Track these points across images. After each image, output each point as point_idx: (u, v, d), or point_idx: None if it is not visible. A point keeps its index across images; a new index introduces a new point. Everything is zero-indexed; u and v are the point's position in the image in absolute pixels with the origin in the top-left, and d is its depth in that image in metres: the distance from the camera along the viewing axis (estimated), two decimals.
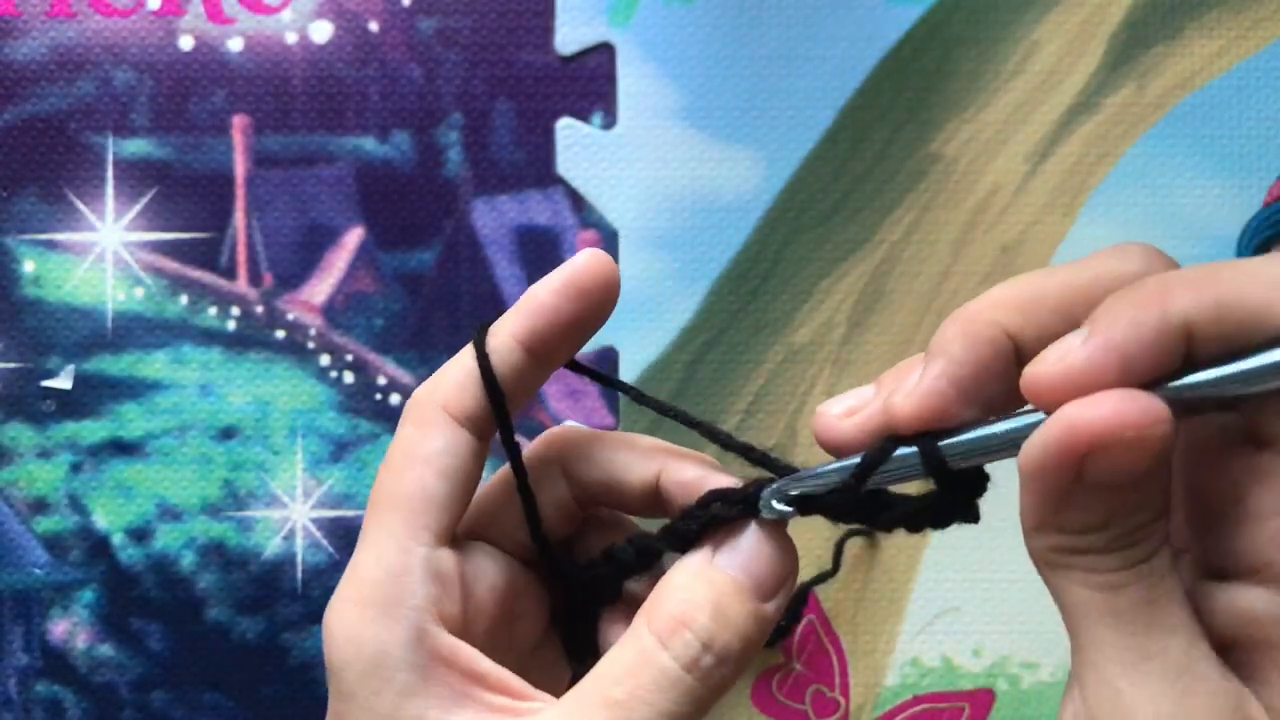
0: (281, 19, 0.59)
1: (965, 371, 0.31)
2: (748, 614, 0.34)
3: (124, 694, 0.57)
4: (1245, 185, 0.58)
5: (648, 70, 0.59)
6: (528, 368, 0.36)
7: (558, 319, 0.36)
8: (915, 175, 0.59)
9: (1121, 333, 0.28)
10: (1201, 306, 0.28)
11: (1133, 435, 0.28)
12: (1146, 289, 0.29)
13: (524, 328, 0.36)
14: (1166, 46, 0.59)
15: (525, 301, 0.36)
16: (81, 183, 0.58)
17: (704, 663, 0.33)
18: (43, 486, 0.58)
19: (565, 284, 0.36)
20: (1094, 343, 0.28)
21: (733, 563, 0.34)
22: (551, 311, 0.36)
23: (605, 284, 0.36)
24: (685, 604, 0.33)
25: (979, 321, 0.31)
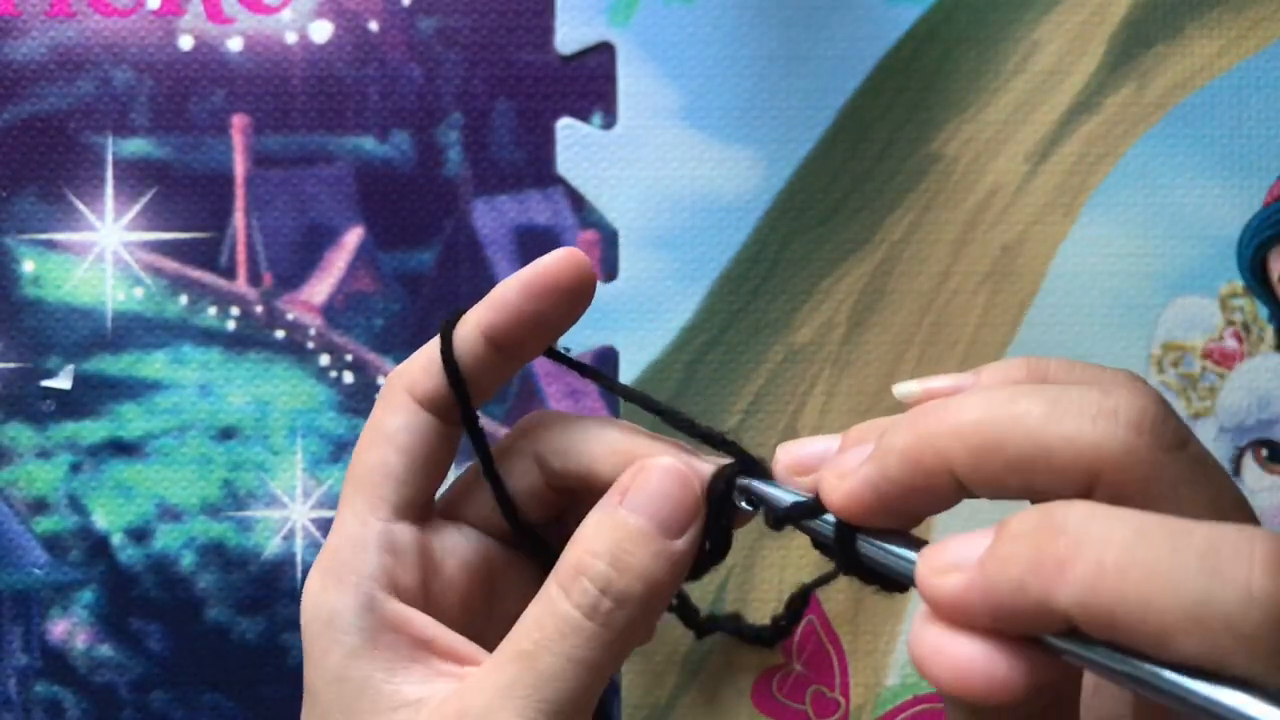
0: (281, 19, 0.59)
1: (894, 491, 0.30)
2: (652, 555, 0.35)
3: (124, 694, 0.57)
4: (1245, 185, 0.58)
5: (648, 70, 0.59)
6: (491, 358, 0.37)
7: (520, 315, 0.37)
8: (915, 175, 0.59)
9: (1001, 594, 0.26)
10: (1091, 606, 0.25)
11: (979, 695, 0.26)
12: (1047, 550, 0.26)
13: (487, 321, 0.37)
14: (1167, 46, 0.59)
15: (492, 295, 0.38)
16: (81, 183, 0.58)
17: (603, 607, 0.34)
18: (42, 486, 0.58)
19: (529, 282, 0.37)
20: (973, 589, 0.26)
21: (637, 505, 0.35)
22: (514, 308, 0.37)
23: (572, 284, 0.37)
24: (585, 552, 0.35)
25: (928, 450, 0.29)
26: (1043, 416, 0.28)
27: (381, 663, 0.35)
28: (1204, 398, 0.58)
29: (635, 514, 0.35)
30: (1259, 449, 0.58)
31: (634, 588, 0.35)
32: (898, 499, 0.31)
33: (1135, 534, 0.25)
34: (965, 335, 0.58)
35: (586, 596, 0.34)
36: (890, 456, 0.30)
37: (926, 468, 0.30)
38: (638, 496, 0.35)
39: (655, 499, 0.35)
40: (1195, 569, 0.24)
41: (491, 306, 0.37)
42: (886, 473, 0.30)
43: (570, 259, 0.37)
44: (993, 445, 0.29)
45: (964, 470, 0.29)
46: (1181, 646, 0.24)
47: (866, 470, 0.31)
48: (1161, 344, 0.58)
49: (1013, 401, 0.29)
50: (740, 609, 0.57)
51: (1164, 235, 0.58)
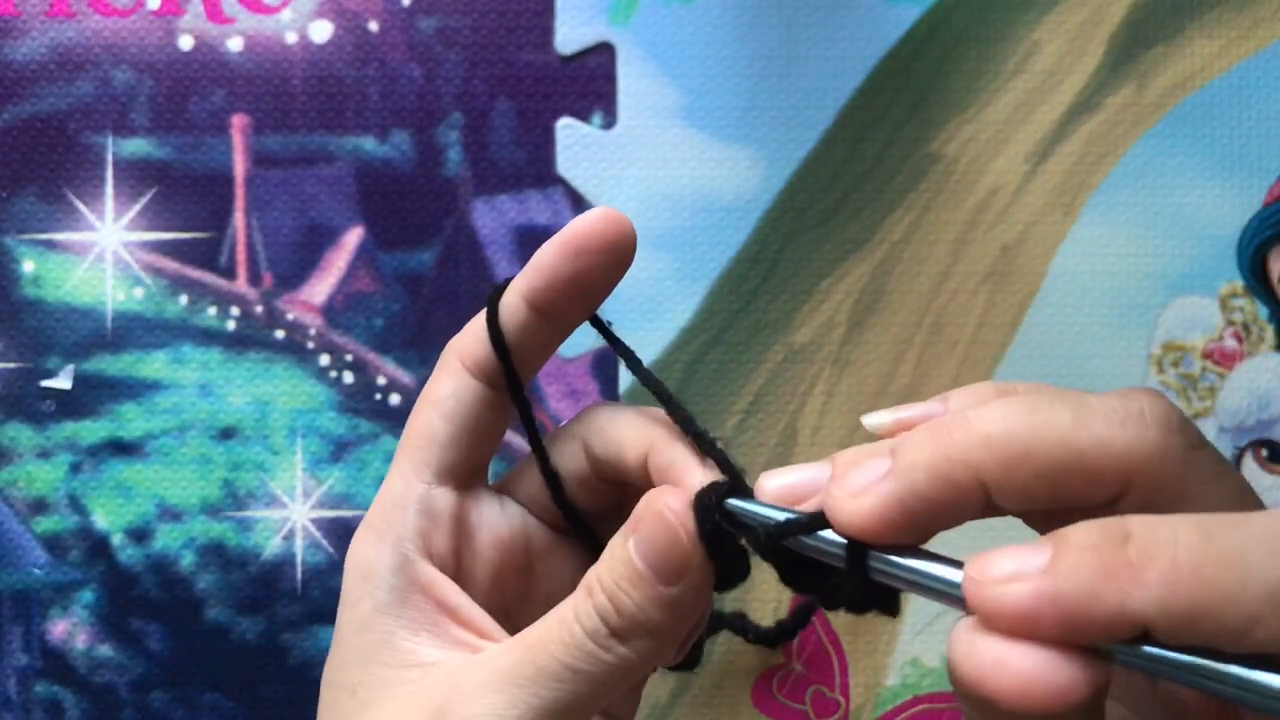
0: (281, 19, 0.59)
1: (922, 507, 0.29)
2: (646, 599, 0.34)
3: (124, 694, 0.57)
4: (1245, 185, 0.58)
5: (648, 70, 0.59)
6: (535, 324, 0.38)
7: (558, 276, 0.37)
8: (915, 175, 0.58)
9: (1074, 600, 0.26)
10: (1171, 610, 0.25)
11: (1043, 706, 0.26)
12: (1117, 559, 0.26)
13: (528, 285, 0.38)
14: (1167, 46, 0.59)
15: (532, 260, 0.38)
16: (81, 183, 0.58)
17: (602, 634, 0.34)
18: (42, 486, 0.58)
19: (565, 242, 0.37)
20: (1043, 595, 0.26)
21: (637, 545, 0.35)
22: (551, 269, 0.37)
23: (608, 241, 0.37)
24: (595, 577, 0.35)
25: (958, 463, 0.29)
26: (1072, 422, 0.28)
27: (406, 620, 0.36)
28: (1204, 398, 0.58)
29: (636, 554, 0.35)
30: (1259, 449, 0.58)
31: (627, 626, 0.35)
32: (925, 515, 0.29)
33: (1201, 532, 0.25)
34: (965, 335, 0.58)
35: (590, 620, 0.35)
36: (917, 472, 0.29)
37: (957, 481, 0.29)
38: (639, 537, 0.35)
39: (650, 544, 0.35)
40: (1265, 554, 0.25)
41: (531, 271, 0.38)
42: (914, 488, 0.29)
43: (607, 216, 0.37)
44: (1023, 454, 0.28)
45: (995, 481, 0.29)
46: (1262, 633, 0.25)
47: (890, 487, 0.29)
48: (1161, 344, 0.58)
49: (1036, 410, 0.28)
50: (741, 609, 0.57)
51: (1164, 235, 0.58)
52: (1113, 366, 0.58)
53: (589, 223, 0.37)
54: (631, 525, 0.35)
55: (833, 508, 0.30)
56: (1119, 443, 0.28)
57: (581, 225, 0.37)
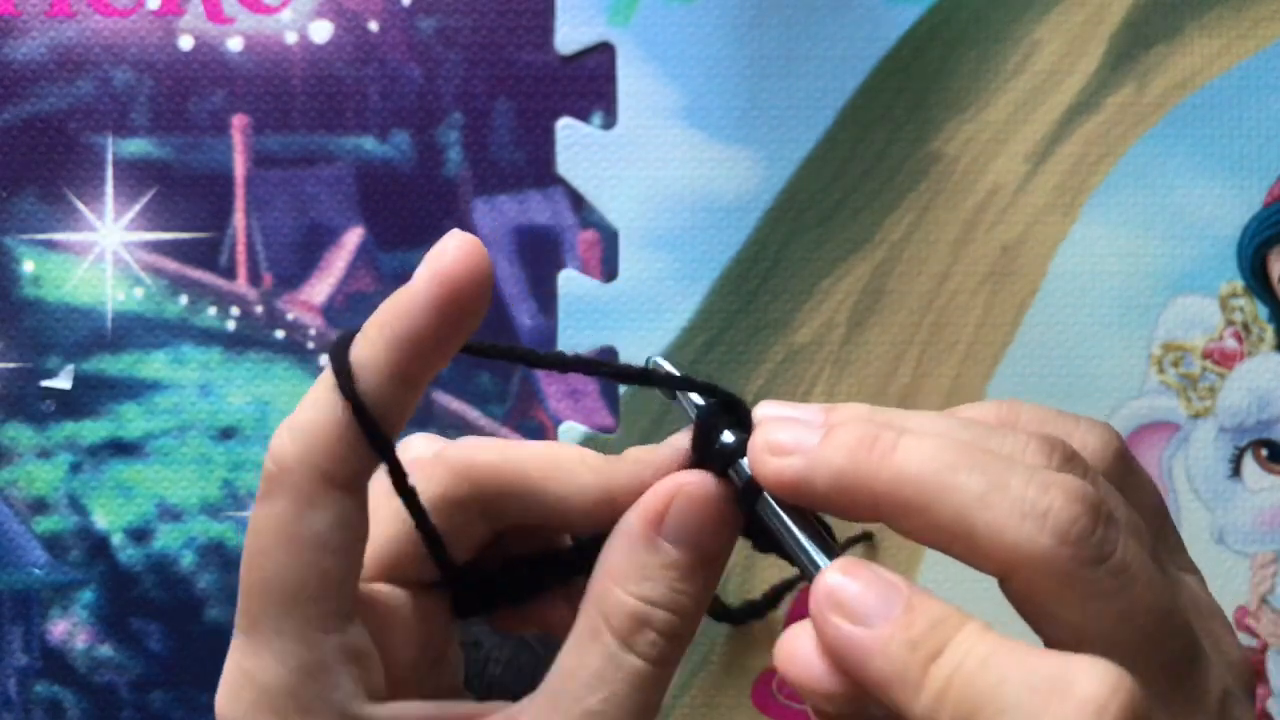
0: (281, 19, 0.59)
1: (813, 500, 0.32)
2: (702, 588, 0.33)
3: (124, 694, 0.57)
4: (1245, 185, 0.58)
5: (648, 70, 0.59)
6: (403, 399, 0.32)
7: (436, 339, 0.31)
8: (915, 175, 0.58)
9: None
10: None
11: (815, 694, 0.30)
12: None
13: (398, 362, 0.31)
14: (1167, 46, 0.59)
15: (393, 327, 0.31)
16: (81, 183, 0.58)
17: (668, 652, 0.33)
18: (42, 486, 0.58)
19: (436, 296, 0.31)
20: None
21: (682, 536, 0.33)
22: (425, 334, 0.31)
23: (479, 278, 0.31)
24: (643, 601, 0.32)
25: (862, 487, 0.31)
26: (977, 499, 0.29)
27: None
28: (1204, 398, 0.58)
29: (681, 548, 0.33)
30: (1259, 449, 0.58)
31: (691, 623, 0.33)
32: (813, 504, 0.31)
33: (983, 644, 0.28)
34: (965, 335, 0.58)
35: (656, 648, 0.32)
36: (822, 470, 0.30)
37: (852, 499, 0.30)
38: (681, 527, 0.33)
39: (699, 528, 0.33)
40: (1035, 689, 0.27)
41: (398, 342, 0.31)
42: (813, 482, 0.31)
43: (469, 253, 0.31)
44: (922, 507, 0.29)
45: (888, 514, 0.30)
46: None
47: (797, 464, 0.31)
48: (1161, 344, 0.58)
49: (954, 470, 0.29)
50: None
51: (1164, 235, 0.58)
52: (1113, 366, 0.58)
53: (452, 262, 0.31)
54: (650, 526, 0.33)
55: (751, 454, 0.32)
56: (1009, 536, 0.29)
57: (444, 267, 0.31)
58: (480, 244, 0.31)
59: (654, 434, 0.57)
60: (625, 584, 0.33)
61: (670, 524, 0.33)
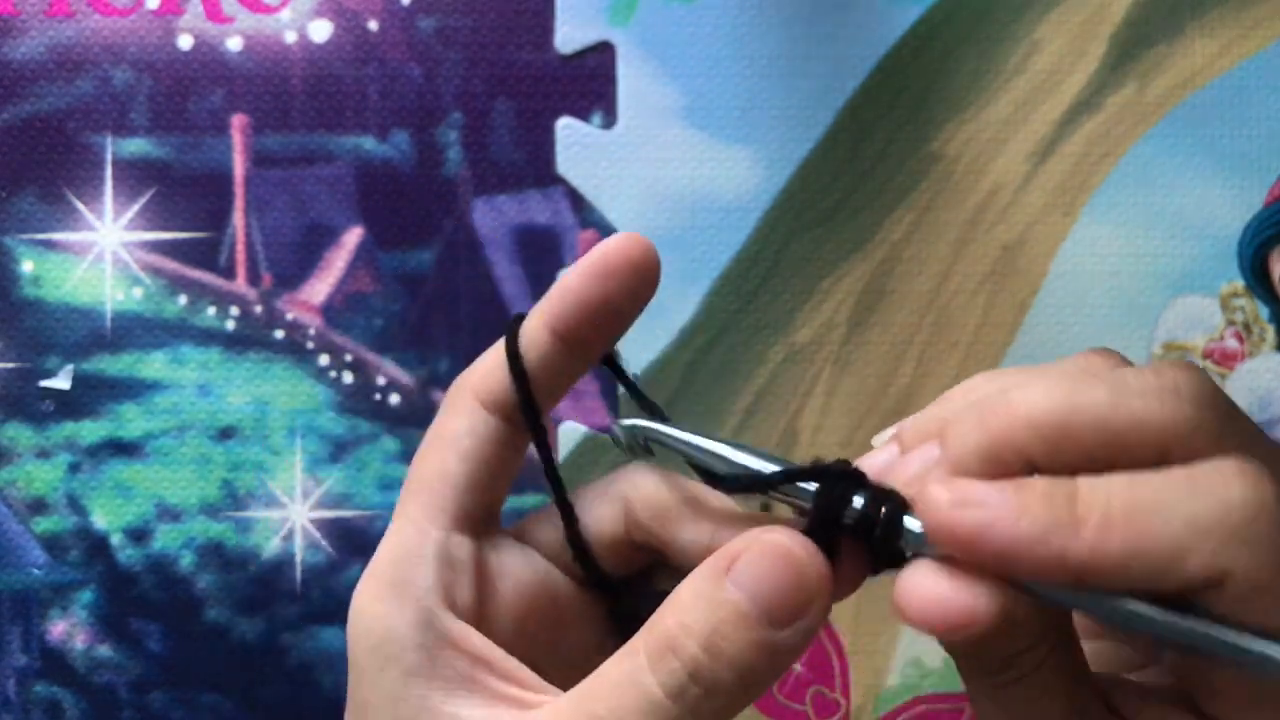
0: (281, 18, 0.58)
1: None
2: (749, 644, 0.31)
3: (123, 694, 0.57)
4: (1245, 185, 0.58)
5: (648, 70, 0.59)
6: (558, 354, 0.35)
7: (586, 302, 0.35)
8: (915, 175, 0.58)
9: (1025, 545, 0.28)
10: (1105, 559, 0.28)
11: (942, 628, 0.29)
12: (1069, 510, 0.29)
13: (552, 312, 0.35)
14: (1167, 46, 0.59)
15: (556, 286, 0.36)
16: (80, 183, 0.58)
17: (690, 694, 0.31)
18: (41, 486, 0.57)
19: (593, 266, 0.35)
20: (999, 520, 0.29)
21: (743, 581, 0.31)
22: (578, 294, 0.35)
23: (636, 265, 0.35)
24: (679, 627, 0.31)
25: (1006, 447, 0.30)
26: (1110, 403, 0.29)
27: (440, 683, 0.33)
28: None
29: (740, 591, 0.31)
30: None
31: (725, 677, 0.31)
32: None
33: (1128, 483, 0.29)
34: (965, 335, 0.58)
35: (673, 678, 0.31)
36: (969, 459, 0.30)
37: (1006, 463, 0.30)
38: (746, 572, 0.31)
39: (764, 580, 0.31)
40: (1184, 492, 0.28)
41: (555, 297, 0.35)
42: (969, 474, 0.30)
43: (634, 240, 0.35)
44: (1062, 434, 0.30)
45: (1040, 460, 0.30)
46: (1195, 563, 0.28)
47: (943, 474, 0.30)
48: (1162, 344, 0.58)
49: (1075, 391, 0.30)
50: None
51: (1164, 235, 0.58)
52: None
53: (616, 246, 0.35)
54: (723, 562, 0.31)
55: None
56: (1155, 420, 0.29)
57: (609, 249, 0.35)
58: (648, 243, 0.35)
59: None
60: (675, 608, 0.32)
61: (738, 566, 0.31)
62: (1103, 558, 0.28)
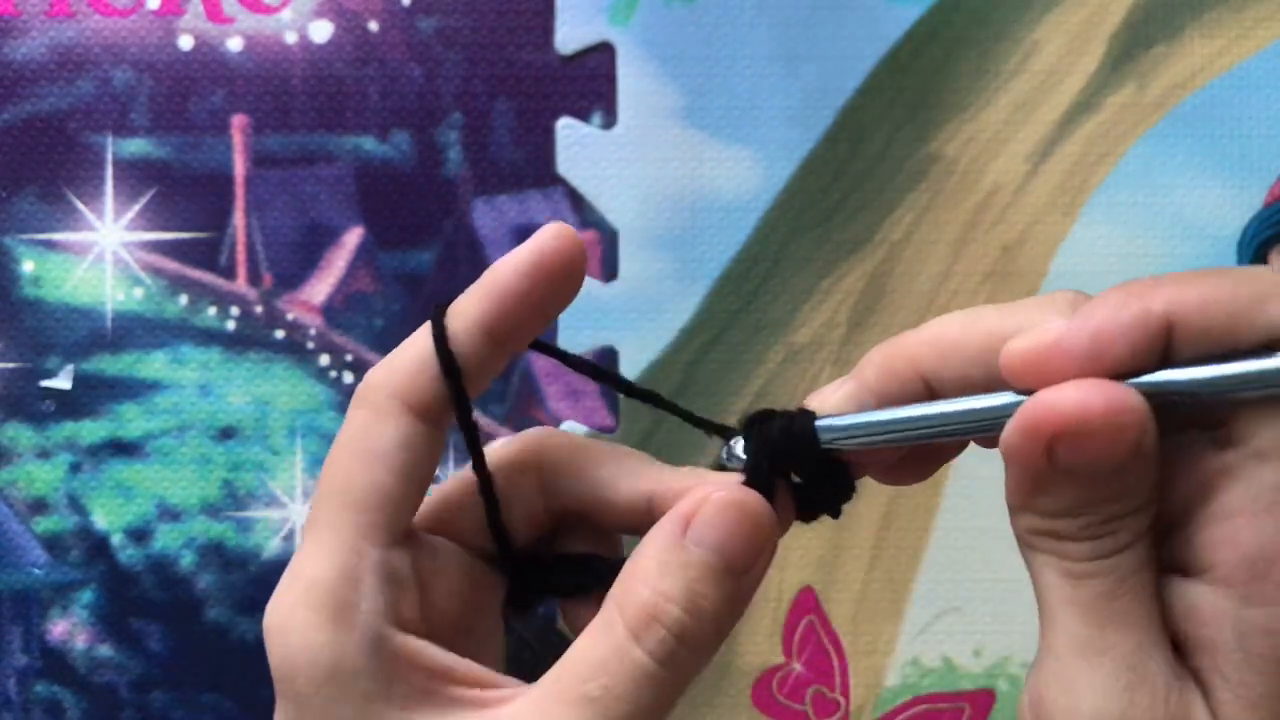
0: (281, 18, 0.59)
1: (871, 401, 0.33)
2: (724, 597, 0.32)
3: (123, 694, 0.57)
4: (1245, 185, 0.58)
5: (648, 70, 0.59)
6: (488, 353, 0.35)
7: (524, 302, 0.34)
8: (915, 175, 0.59)
9: (1099, 319, 0.29)
10: (1186, 304, 0.29)
11: (1100, 425, 0.28)
12: (1134, 283, 0.29)
13: (487, 312, 0.34)
14: (1167, 46, 0.59)
15: (488, 283, 0.35)
16: (81, 183, 0.58)
17: (679, 656, 0.32)
18: (42, 486, 0.58)
19: (529, 265, 0.34)
20: (1071, 325, 0.29)
21: (705, 539, 0.33)
22: (517, 294, 0.34)
23: (572, 261, 0.34)
24: (657, 594, 0.32)
25: (899, 358, 0.32)
26: (998, 316, 0.31)
27: (400, 703, 0.33)
28: None
29: (706, 549, 0.32)
30: None
31: (708, 632, 0.32)
32: (875, 408, 0.33)
33: (1202, 270, 0.30)
34: None
35: (664, 646, 0.32)
36: (867, 369, 0.33)
37: (900, 373, 0.32)
38: (706, 530, 0.33)
39: (725, 533, 0.33)
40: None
41: (491, 296, 0.34)
42: (865, 384, 0.33)
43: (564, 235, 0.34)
44: (957, 343, 0.31)
45: (931, 369, 0.32)
46: (1275, 308, 0.28)
47: (848, 386, 0.33)
48: None
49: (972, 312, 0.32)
50: None
51: (1164, 235, 0.58)
52: None
53: (554, 246, 0.34)
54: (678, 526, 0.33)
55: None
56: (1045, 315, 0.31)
57: (546, 247, 0.34)
58: (577, 235, 0.35)
59: (654, 433, 0.57)
60: (645, 578, 0.33)
61: (696, 525, 0.33)
62: (1181, 306, 0.29)
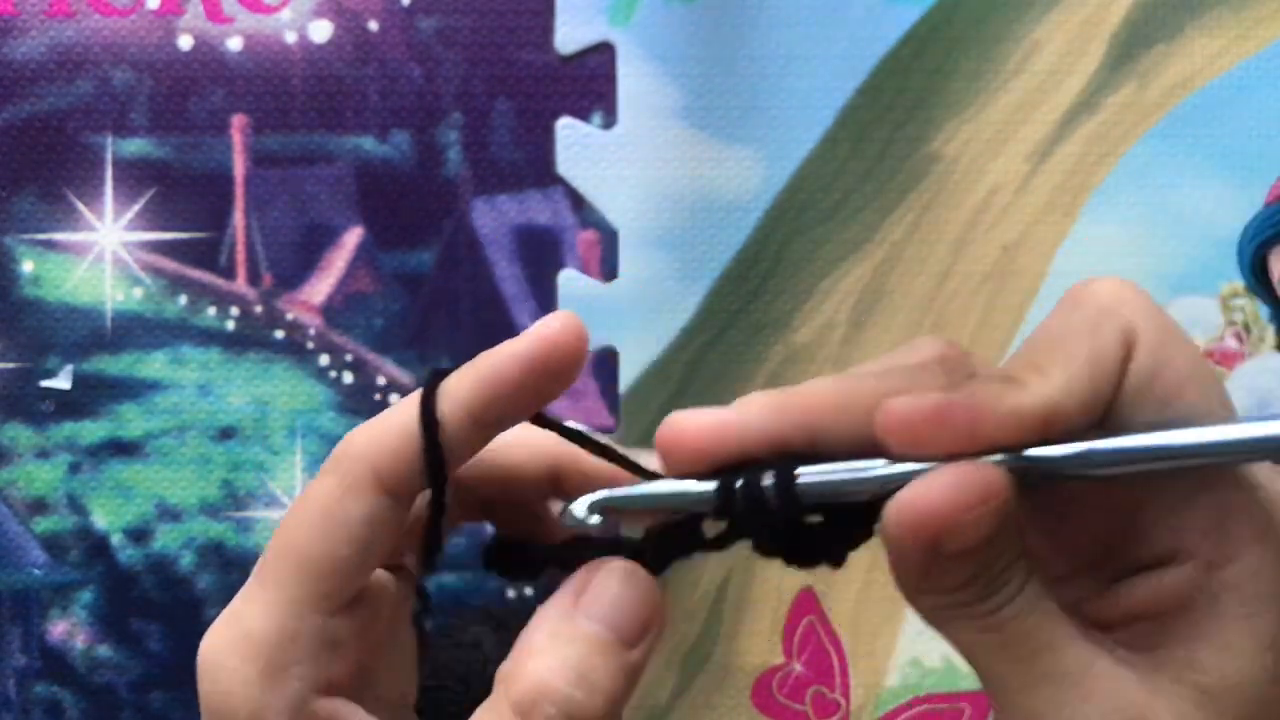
0: (281, 18, 0.59)
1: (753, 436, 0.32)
2: (615, 670, 0.31)
3: (123, 694, 0.57)
4: (1245, 185, 0.58)
5: (648, 70, 0.59)
6: (472, 436, 0.33)
7: (517, 391, 0.33)
8: (915, 175, 0.58)
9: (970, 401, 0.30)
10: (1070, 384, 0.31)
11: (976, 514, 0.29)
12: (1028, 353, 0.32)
13: (478, 399, 0.33)
14: (1167, 46, 0.59)
15: (483, 368, 0.33)
16: (81, 183, 0.58)
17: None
18: (41, 487, 0.58)
19: (529, 356, 0.33)
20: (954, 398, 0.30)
21: (595, 613, 0.32)
22: (510, 383, 0.33)
23: (570, 355, 0.33)
24: (545, 671, 0.31)
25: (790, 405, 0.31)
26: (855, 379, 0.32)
27: None
28: None
29: (596, 623, 0.32)
30: None
31: (598, 707, 0.31)
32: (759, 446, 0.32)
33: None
34: (965, 335, 0.58)
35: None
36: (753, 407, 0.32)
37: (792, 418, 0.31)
38: (597, 603, 0.32)
39: (615, 605, 0.32)
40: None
41: (483, 382, 0.33)
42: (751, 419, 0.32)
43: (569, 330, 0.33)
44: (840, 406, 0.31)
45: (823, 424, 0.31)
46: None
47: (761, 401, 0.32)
48: None
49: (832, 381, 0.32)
50: (737, 615, 0.57)
51: (1164, 235, 0.58)
52: None
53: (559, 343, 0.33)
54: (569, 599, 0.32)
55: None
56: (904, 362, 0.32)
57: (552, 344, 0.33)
58: (584, 327, 0.34)
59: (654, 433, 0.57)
60: (534, 652, 0.32)
61: (588, 598, 0.32)
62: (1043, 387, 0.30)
